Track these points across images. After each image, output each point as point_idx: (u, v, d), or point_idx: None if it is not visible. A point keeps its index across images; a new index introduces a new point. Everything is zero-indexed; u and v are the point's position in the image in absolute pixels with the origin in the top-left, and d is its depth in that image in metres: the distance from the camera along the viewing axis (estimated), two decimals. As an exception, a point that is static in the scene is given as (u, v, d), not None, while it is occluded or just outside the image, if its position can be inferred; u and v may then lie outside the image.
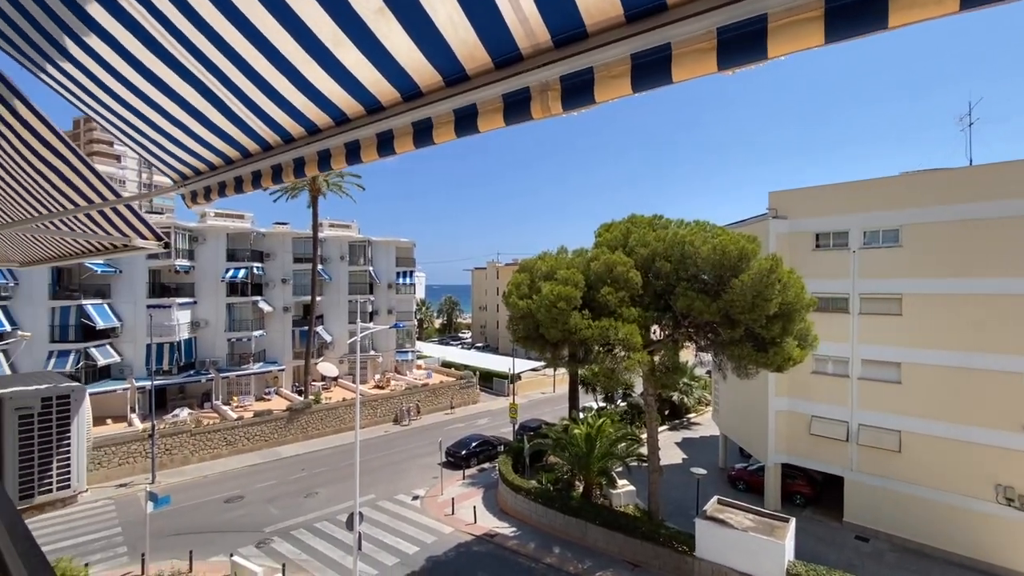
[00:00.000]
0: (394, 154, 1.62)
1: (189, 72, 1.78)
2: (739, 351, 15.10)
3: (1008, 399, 18.04)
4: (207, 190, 2.50)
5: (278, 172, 2.17)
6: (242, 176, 2.36)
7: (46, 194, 2.88)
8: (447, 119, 1.46)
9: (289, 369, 40.60)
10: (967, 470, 18.95)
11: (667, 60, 1.07)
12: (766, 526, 17.98)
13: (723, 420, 29.98)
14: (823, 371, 22.67)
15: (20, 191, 2.96)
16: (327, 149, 1.85)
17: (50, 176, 2.69)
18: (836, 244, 22.23)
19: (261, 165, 2.23)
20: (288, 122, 1.88)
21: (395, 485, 26.99)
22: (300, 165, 2.00)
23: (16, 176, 2.84)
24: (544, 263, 18.29)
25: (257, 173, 2.27)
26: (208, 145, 2.30)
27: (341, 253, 44.11)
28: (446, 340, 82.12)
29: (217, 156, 2.39)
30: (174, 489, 25.31)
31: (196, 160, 2.42)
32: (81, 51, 1.86)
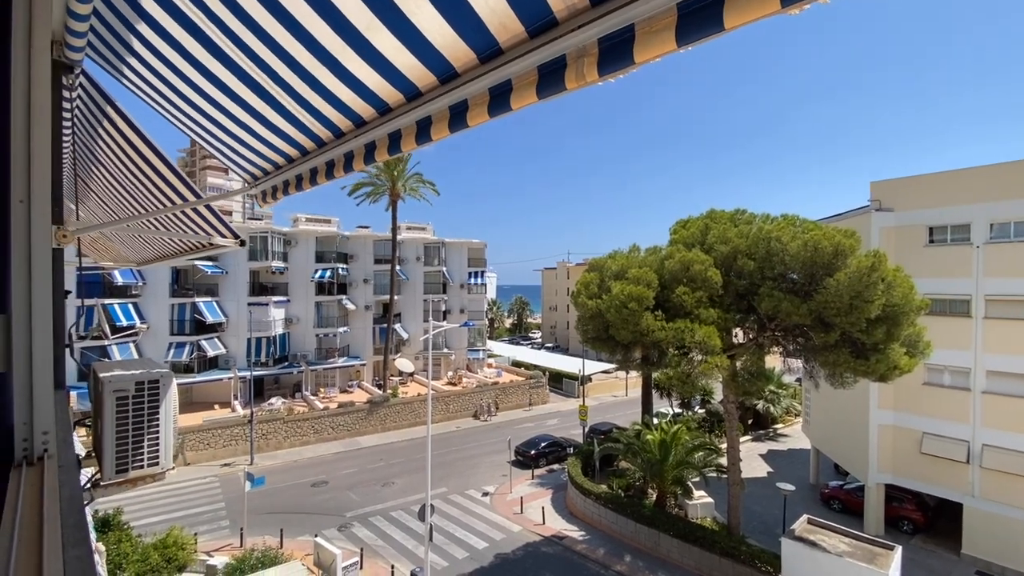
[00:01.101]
0: (431, 141, 1.57)
1: (243, 71, 1.86)
2: (834, 357, 13.67)
3: None
4: (274, 189, 2.63)
5: (331, 168, 2.22)
6: (302, 174, 2.46)
7: (143, 195, 3.18)
8: (482, 99, 1.38)
9: (370, 364, 42.91)
10: None
11: (719, 3, 0.93)
12: (866, 552, 16.17)
13: (815, 432, 27.50)
14: (938, 382, 20.06)
15: (124, 192, 3.30)
16: (372, 141, 1.86)
17: (144, 180, 2.96)
18: (955, 239, 19.56)
19: (316, 162, 2.31)
20: (336, 116, 1.92)
21: (466, 480, 27.58)
22: (350, 159, 2.04)
23: (119, 180, 3.16)
24: (615, 262, 17.76)
25: (314, 170, 2.35)
26: (271, 145, 2.41)
27: (417, 254, 45.91)
28: (516, 340, 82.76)
29: (280, 155, 2.51)
30: (268, 471, 27.64)
31: (263, 161, 2.54)
32: (152, 55, 2.01)
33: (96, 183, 3.53)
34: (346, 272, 41.71)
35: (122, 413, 2.52)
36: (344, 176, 2.26)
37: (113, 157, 3.00)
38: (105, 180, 3.42)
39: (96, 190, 3.63)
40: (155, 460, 2.63)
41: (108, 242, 5.74)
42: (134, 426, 2.54)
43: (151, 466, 2.62)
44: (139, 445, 2.57)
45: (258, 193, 2.76)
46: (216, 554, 18.08)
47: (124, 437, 2.52)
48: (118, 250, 5.90)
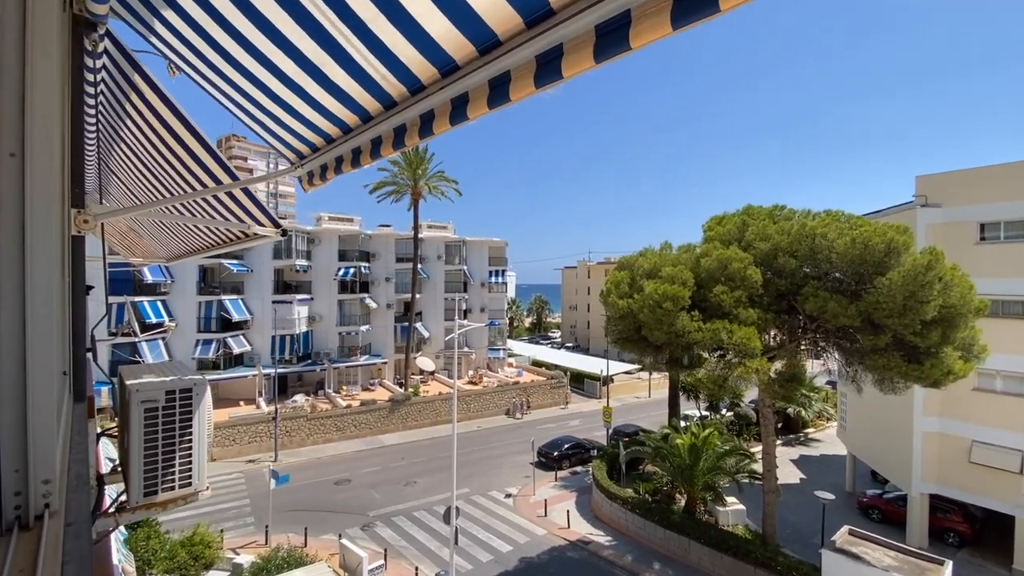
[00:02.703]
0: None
1: (283, 37, 1.52)
2: (884, 361, 12.86)
3: None
4: (323, 168, 2.26)
5: (376, 146, 1.86)
6: (359, 147, 2.08)
7: (172, 179, 2.85)
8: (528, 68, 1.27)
9: (391, 362, 42.97)
10: None
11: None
12: (914, 567, 15.28)
13: (851, 438, 26.39)
14: (989, 388, 18.93)
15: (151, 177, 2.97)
16: (431, 110, 1.54)
17: (174, 162, 2.62)
18: (1010, 236, 18.41)
19: (362, 139, 1.95)
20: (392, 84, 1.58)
21: (489, 481, 27.26)
22: (400, 133, 1.69)
23: (147, 162, 2.83)
24: (646, 260, 17.13)
25: (357, 150, 1.98)
26: (315, 121, 2.05)
27: (438, 253, 45.81)
28: (536, 339, 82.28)
29: (321, 134, 2.16)
30: (292, 468, 27.77)
31: (311, 136, 2.18)
32: (184, 23, 1.68)
33: (121, 167, 3.23)
34: (368, 271, 41.82)
35: (151, 426, 2.19)
36: (393, 153, 1.88)
37: (140, 135, 2.67)
38: (131, 163, 3.10)
39: (120, 174, 3.32)
40: (187, 480, 2.30)
41: (138, 237, 5.50)
42: (164, 441, 2.21)
43: (183, 487, 2.28)
44: (170, 463, 2.23)
45: (304, 174, 2.40)
46: (242, 551, 18.10)
47: (153, 454, 2.19)
48: (147, 245, 5.65)
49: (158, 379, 2.30)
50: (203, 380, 2.38)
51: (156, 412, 2.19)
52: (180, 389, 2.24)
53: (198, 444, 2.29)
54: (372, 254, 42.58)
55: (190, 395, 2.27)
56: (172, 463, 2.24)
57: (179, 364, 2.81)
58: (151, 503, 2.24)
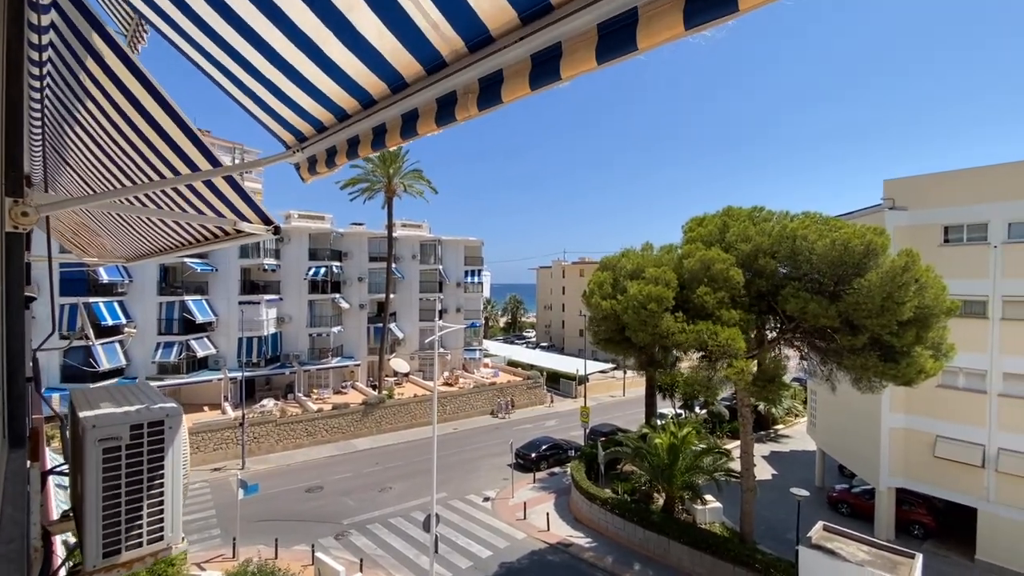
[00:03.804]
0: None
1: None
2: (862, 361, 13.10)
3: None
4: (330, 153, 1.85)
5: (413, 122, 1.48)
6: (358, 136, 1.70)
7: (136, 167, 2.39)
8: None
9: (364, 364, 41.93)
10: None
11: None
12: (886, 561, 15.67)
13: (821, 434, 27.13)
14: (952, 385, 19.68)
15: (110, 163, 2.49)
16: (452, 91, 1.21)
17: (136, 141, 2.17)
18: (972, 238, 19.18)
19: (387, 116, 1.56)
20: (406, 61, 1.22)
21: (466, 484, 26.81)
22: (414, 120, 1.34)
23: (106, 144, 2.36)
24: (629, 260, 17.04)
25: (380, 128, 1.60)
26: (320, 95, 1.65)
27: (413, 252, 44.99)
28: (511, 339, 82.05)
29: (331, 111, 1.75)
30: (261, 476, 26.65)
31: (317, 111, 1.77)
32: None
33: (74, 152, 2.72)
34: (340, 270, 40.67)
35: (111, 469, 1.75)
36: (407, 141, 1.52)
37: (98, 114, 2.21)
38: (86, 147, 2.61)
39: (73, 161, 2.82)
40: (158, 534, 1.86)
41: (92, 234, 4.90)
42: (129, 488, 1.77)
43: (153, 542, 1.85)
44: (136, 514, 1.80)
45: (303, 160, 1.99)
46: (208, 566, 17.16)
47: (115, 504, 1.75)
48: (104, 243, 5.05)
49: (120, 410, 1.84)
50: (177, 409, 1.94)
51: (118, 452, 1.75)
52: (149, 422, 1.80)
53: (171, 489, 1.86)
54: (344, 253, 41.44)
55: (161, 429, 1.83)
56: (139, 514, 1.80)
57: (145, 387, 2.34)
58: (112, 564, 1.80)
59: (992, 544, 18.81)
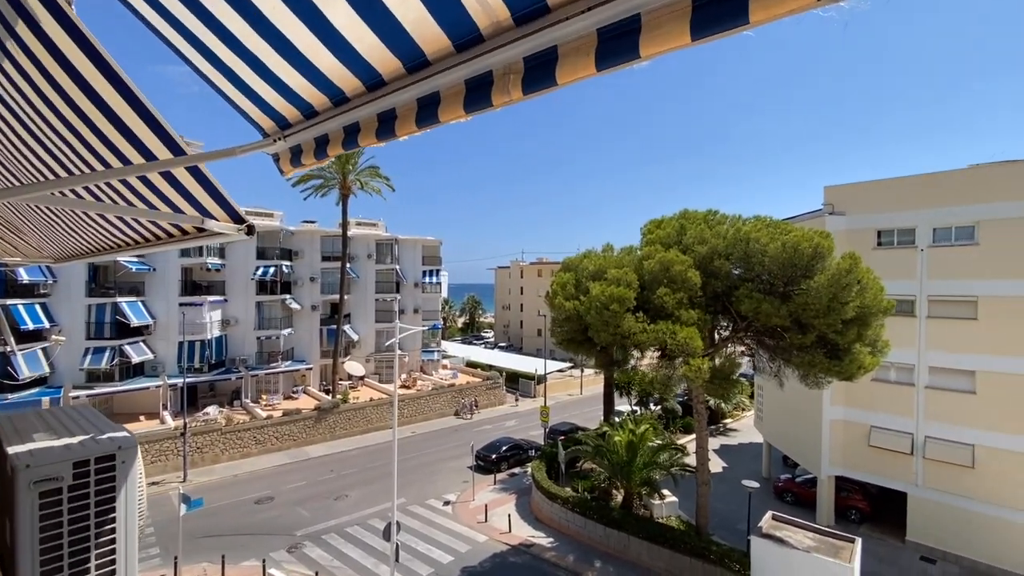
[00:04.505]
0: None
1: None
2: (809, 358, 13.82)
3: (1105, 414, 16.36)
4: (320, 142, 1.63)
5: (433, 107, 1.29)
6: (359, 122, 1.50)
7: (70, 149, 2.06)
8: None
9: (316, 368, 40.41)
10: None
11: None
12: (830, 547, 16.59)
13: (767, 428, 28.49)
14: (885, 379, 21.11)
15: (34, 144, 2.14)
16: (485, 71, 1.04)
17: (76, 124, 1.86)
18: (901, 242, 20.67)
19: (396, 100, 1.36)
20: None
21: (426, 489, 26.32)
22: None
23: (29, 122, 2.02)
24: (591, 262, 17.23)
25: (389, 114, 1.40)
26: (315, 73, 1.43)
27: (368, 252, 43.79)
28: (468, 339, 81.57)
29: (326, 94, 1.53)
30: (205, 488, 25.11)
31: (309, 93, 1.55)
32: None
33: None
34: (290, 270, 39.01)
35: (51, 517, 1.45)
36: (423, 130, 1.34)
37: (22, 84, 1.87)
38: (7, 126, 2.23)
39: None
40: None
41: (16, 232, 4.33)
42: (73, 538, 1.47)
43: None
44: (81, 568, 1.50)
45: (285, 149, 1.76)
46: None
47: (55, 559, 1.46)
48: (28, 242, 4.48)
49: (60, 443, 1.53)
50: (131, 440, 1.64)
51: (59, 496, 1.44)
52: (97, 457, 1.50)
53: (125, 536, 1.57)
54: (295, 252, 39.78)
55: (112, 465, 1.52)
56: (86, 566, 1.50)
57: (87, 412, 1.99)
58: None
59: (920, 526, 20.33)
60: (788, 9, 0.72)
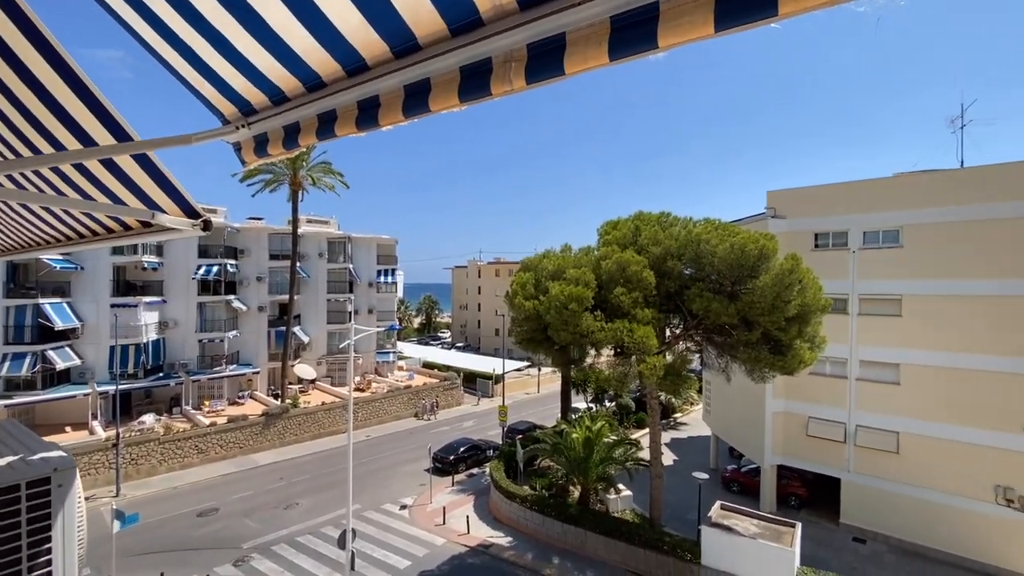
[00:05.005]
0: None
1: None
2: (755, 354, 14.55)
3: (1008, 400, 18.14)
4: (289, 131, 1.53)
5: (422, 94, 1.23)
6: (336, 110, 1.41)
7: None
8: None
9: (264, 371, 38.68)
10: (966, 471, 19.01)
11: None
12: (773, 532, 17.57)
13: (715, 421, 29.75)
14: (821, 372, 22.48)
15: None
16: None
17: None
18: (835, 244, 22.10)
19: (380, 87, 1.29)
20: None
21: (381, 493, 25.75)
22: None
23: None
24: (550, 262, 17.39)
25: (371, 102, 1.32)
26: (286, 52, 1.34)
27: (320, 250, 42.35)
28: (425, 340, 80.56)
29: (298, 76, 1.43)
30: (141, 503, 23.50)
31: (277, 75, 1.44)
32: None
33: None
34: (235, 269, 37.13)
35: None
36: (410, 120, 1.28)
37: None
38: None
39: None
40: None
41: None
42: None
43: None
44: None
45: (249, 138, 1.63)
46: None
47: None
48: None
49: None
50: (68, 461, 1.45)
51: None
52: (29, 481, 1.30)
53: (63, 570, 1.38)
54: (240, 250, 37.90)
55: (47, 489, 1.33)
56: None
57: (14, 428, 1.77)
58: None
59: (852, 509, 21.83)
60: (819, 2, 0.70)
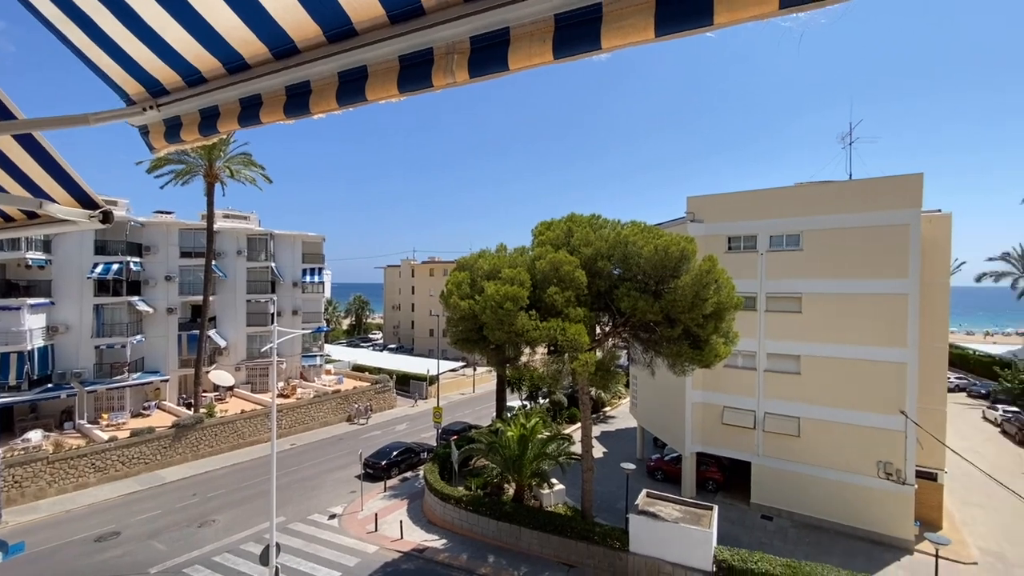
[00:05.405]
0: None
1: None
2: (677, 349, 15.49)
3: (888, 386, 20.61)
4: (207, 116, 1.43)
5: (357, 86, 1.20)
6: (260, 96, 1.34)
7: None
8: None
9: (174, 379, 35.56)
10: (854, 450, 21.36)
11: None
12: (693, 515, 18.75)
13: (641, 413, 31.24)
14: (734, 365, 24.31)
15: None
16: None
17: None
18: (746, 247, 23.99)
19: (316, 72, 1.24)
20: None
21: (307, 504, 24.55)
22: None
23: None
24: (486, 261, 17.42)
25: (301, 87, 1.27)
26: (203, 27, 1.25)
27: (239, 248, 39.61)
28: (355, 342, 77.81)
29: (220, 56, 1.34)
30: (27, 530, 20.80)
31: (193, 53, 1.34)
32: None
33: None
34: (140, 267, 33.87)
35: None
36: (345, 108, 1.26)
37: None
38: None
39: None
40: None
41: None
42: None
43: None
44: None
45: (158, 122, 1.50)
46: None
47: None
48: None
49: None
50: None
51: None
52: None
53: None
54: (146, 247, 34.63)
55: None
56: None
57: None
58: None
59: (761, 489, 23.79)
60: (752, 14, 0.77)
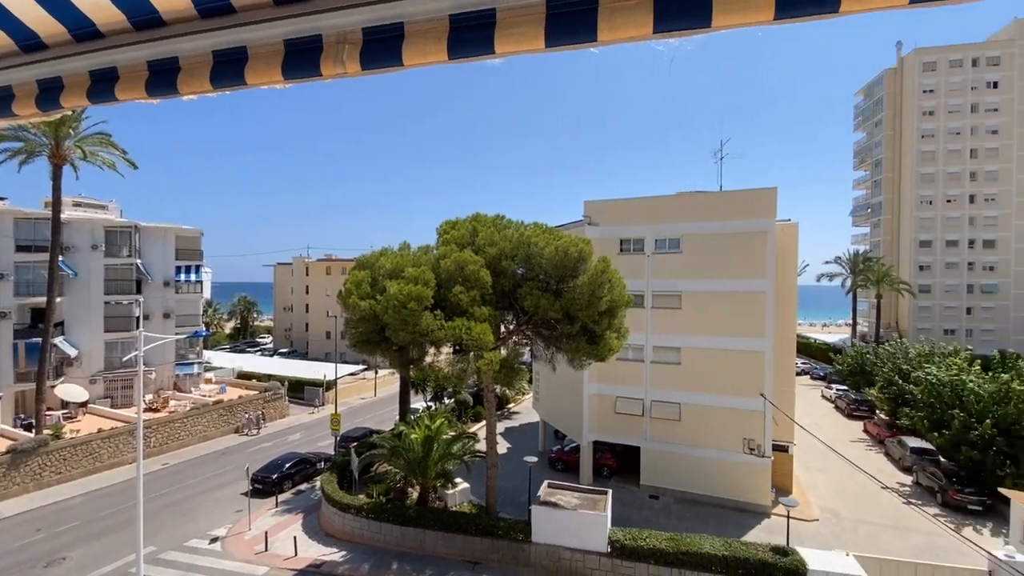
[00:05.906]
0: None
1: None
2: (575, 345, 16.33)
3: (750, 373, 23.52)
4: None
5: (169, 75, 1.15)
6: (63, 78, 1.22)
7: None
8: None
9: (9, 396, 29.86)
10: (724, 430, 24.09)
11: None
12: (590, 501, 19.88)
13: (543, 407, 32.40)
14: (625, 358, 26.15)
15: None
16: None
17: None
18: (635, 249, 25.98)
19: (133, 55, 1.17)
20: None
21: (184, 529, 22.01)
22: None
23: None
24: (388, 260, 16.88)
25: (106, 73, 1.18)
26: None
27: (94, 241, 34.32)
28: (241, 347, 71.16)
29: (8, 32, 1.19)
30: None
31: None
32: None
33: None
34: (-45, 264, 27.90)
35: None
36: (156, 99, 1.21)
37: None
38: None
39: None
40: None
41: None
42: None
43: None
44: None
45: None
46: None
47: None
48: None
49: None
50: None
51: None
52: None
53: None
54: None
55: None
56: None
57: None
58: None
59: (649, 471, 25.91)
60: (628, 36, 0.84)
